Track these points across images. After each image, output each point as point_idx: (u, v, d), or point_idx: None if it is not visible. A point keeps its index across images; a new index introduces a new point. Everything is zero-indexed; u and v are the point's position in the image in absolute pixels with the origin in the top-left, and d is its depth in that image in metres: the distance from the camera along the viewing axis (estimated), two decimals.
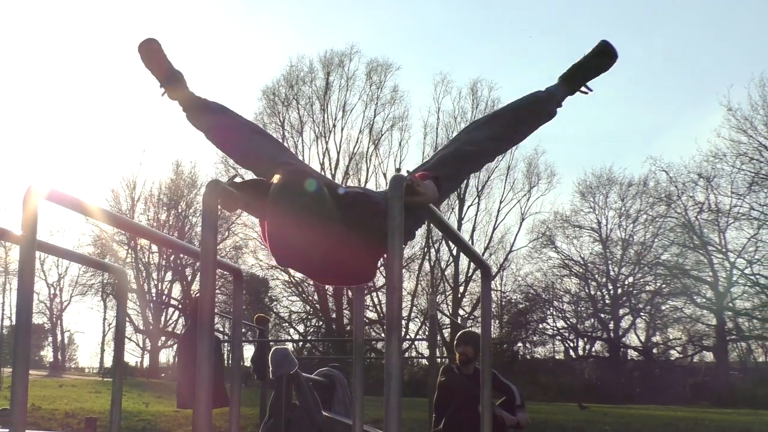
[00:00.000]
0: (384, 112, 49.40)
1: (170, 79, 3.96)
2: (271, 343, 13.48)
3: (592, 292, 50.78)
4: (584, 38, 70.30)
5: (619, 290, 49.94)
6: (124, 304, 4.66)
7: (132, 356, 61.40)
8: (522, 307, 51.13)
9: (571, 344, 52.93)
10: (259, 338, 13.40)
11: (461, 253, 43.75)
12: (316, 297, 49.29)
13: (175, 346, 49.92)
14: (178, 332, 50.06)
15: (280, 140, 38.40)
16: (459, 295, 47.83)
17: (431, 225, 3.72)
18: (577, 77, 4.08)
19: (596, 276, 50.84)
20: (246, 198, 3.02)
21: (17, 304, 2.95)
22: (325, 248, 2.83)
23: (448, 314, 43.37)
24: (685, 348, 49.67)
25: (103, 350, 62.50)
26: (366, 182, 48.56)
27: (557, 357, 53.46)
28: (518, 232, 49.76)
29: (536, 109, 4.03)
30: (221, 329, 30.81)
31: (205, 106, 3.99)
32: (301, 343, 49.27)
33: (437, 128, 48.82)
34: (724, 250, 44.63)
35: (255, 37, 79.29)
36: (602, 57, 4.13)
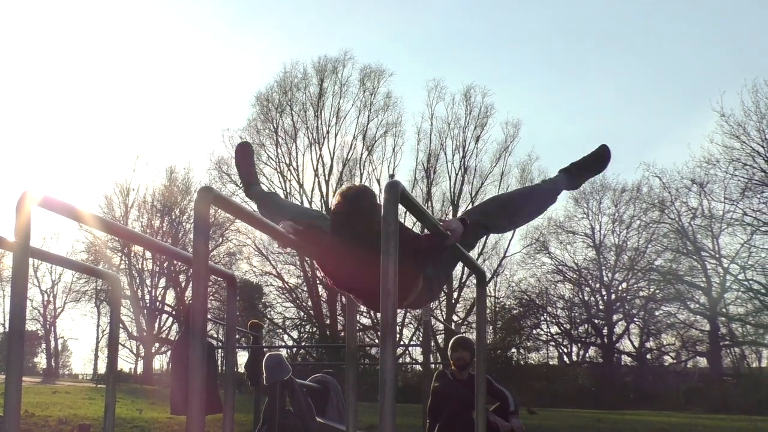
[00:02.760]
0: (377, 118, 49.54)
1: (251, 185, 4.96)
2: (264, 349, 13.47)
3: (586, 298, 50.81)
4: (578, 46, 70.54)
5: (613, 296, 49.96)
6: (118, 311, 4.66)
7: (126, 363, 61.30)
8: (516, 312, 51.16)
9: (565, 350, 53.01)
10: (252, 344, 13.39)
11: None
12: (309, 303, 49.31)
13: (169, 353, 49.91)
14: (172, 339, 50.00)
15: (274, 146, 37.83)
16: (453, 301, 47.83)
17: (424, 230, 3.74)
18: (577, 178, 4.63)
19: (590, 282, 50.90)
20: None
21: (10, 311, 2.94)
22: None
23: (442, 320, 43.41)
24: (678, 353, 49.73)
25: (96, 357, 62.42)
26: None
27: (551, 363, 53.46)
28: (512, 237, 49.81)
29: (543, 203, 4.59)
30: (215, 335, 30.80)
31: (271, 204, 4.83)
32: (294, 350, 49.20)
33: (431, 134, 48.98)
34: (717, 255, 44.78)
35: (249, 43, 79.33)
36: (601, 161, 4.64)
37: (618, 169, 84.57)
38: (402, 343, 44.12)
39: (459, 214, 4.19)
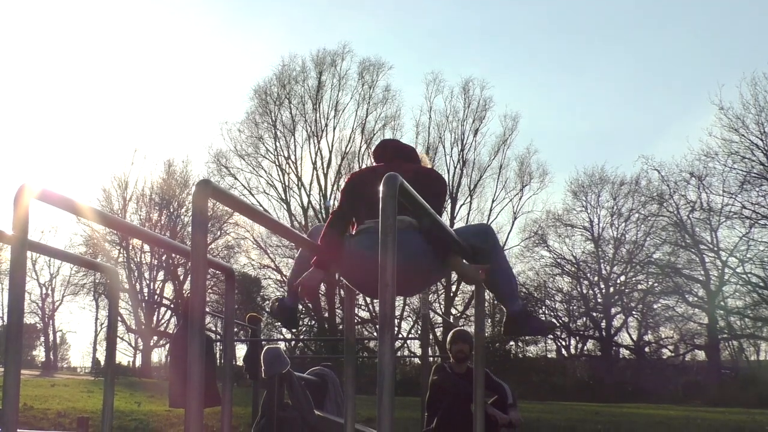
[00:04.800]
0: (376, 112, 49.52)
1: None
2: (263, 342, 13.46)
3: (584, 291, 50.86)
4: (577, 40, 70.47)
5: (611, 289, 50.01)
6: (116, 304, 4.66)
7: (124, 356, 61.40)
8: None
9: (564, 343, 53.03)
10: (251, 337, 13.38)
11: None
12: None
13: (167, 346, 49.96)
14: (170, 332, 50.05)
15: (272, 139, 37.89)
16: (451, 294, 47.87)
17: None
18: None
19: (588, 275, 50.93)
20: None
21: (9, 304, 2.94)
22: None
23: (440, 313, 43.44)
24: (677, 347, 49.79)
25: (95, 350, 62.46)
26: None
27: (549, 356, 53.50)
28: (510, 231, 49.93)
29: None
30: (213, 328, 30.80)
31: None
32: (293, 343, 49.20)
33: (429, 127, 48.93)
34: (715, 248, 44.77)
35: (247, 36, 79.35)
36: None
37: (617, 162, 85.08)
38: (400, 336, 44.17)
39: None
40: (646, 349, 50.08)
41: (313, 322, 49.47)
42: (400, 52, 77.73)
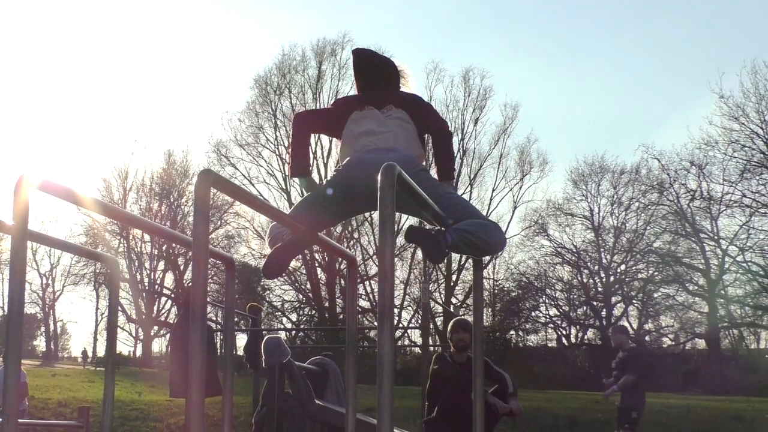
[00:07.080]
0: None
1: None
2: (263, 332, 13.47)
3: (585, 280, 50.89)
4: (577, 29, 70.33)
5: (612, 278, 50.03)
6: (117, 294, 4.67)
7: (125, 346, 61.47)
8: (514, 295, 51.23)
9: (564, 332, 53.14)
10: (251, 327, 13.39)
11: None
12: (308, 286, 49.33)
13: (168, 336, 49.99)
14: (171, 322, 50.10)
15: (273, 129, 37.59)
16: (451, 284, 47.92)
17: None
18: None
19: (588, 264, 50.98)
20: None
21: (9, 294, 2.94)
22: None
23: (440, 302, 43.48)
24: (677, 335, 49.87)
25: (95, 340, 62.52)
26: None
27: (550, 345, 53.59)
28: (511, 220, 49.90)
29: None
30: (214, 318, 30.83)
31: None
32: (293, 332, 49.26)
33: None
34: (716, 237, 44.80)
35: (247, 25, 79.16)
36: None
37: (617, 151, 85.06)
38: (401, 325, 44.24)
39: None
40: (647, 338, 50.14)
41: (314, 311, 49.53)
42: (400, 41, 77.58)
